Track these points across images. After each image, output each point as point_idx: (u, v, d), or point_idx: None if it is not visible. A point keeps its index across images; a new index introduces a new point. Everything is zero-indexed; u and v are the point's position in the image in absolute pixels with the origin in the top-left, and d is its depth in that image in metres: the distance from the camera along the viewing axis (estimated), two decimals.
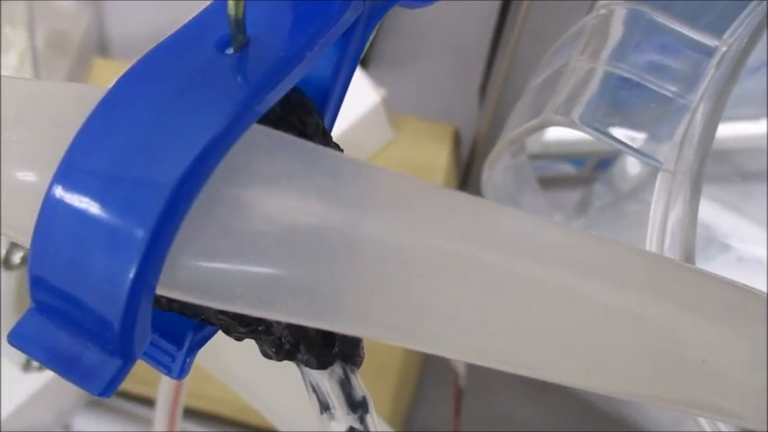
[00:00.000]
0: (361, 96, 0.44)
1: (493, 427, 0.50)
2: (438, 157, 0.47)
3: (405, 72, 0.57)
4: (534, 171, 0.45)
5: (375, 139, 0.46)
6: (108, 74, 0.53)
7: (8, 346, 0.13)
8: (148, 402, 0.42)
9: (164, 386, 0.31)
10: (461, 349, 0.14)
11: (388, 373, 0.44)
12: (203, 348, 0.31)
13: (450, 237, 0.14)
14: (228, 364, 0.31)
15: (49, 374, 0.41)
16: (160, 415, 0.31)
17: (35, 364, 0.40)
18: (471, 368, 0.48)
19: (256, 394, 0.32)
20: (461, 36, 0.57)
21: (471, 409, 0.49)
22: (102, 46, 0.60)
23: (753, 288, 0.15)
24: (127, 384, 0.48)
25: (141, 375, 0.44)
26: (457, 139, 0.49)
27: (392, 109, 0.46)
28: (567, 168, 0.49)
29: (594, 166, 0.48)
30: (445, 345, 0.14)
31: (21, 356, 0.40)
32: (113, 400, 0.47)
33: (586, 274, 0.14)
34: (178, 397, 0.31)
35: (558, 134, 0.45)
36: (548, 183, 0.49)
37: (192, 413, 0.46)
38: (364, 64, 0.55)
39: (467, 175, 0.52)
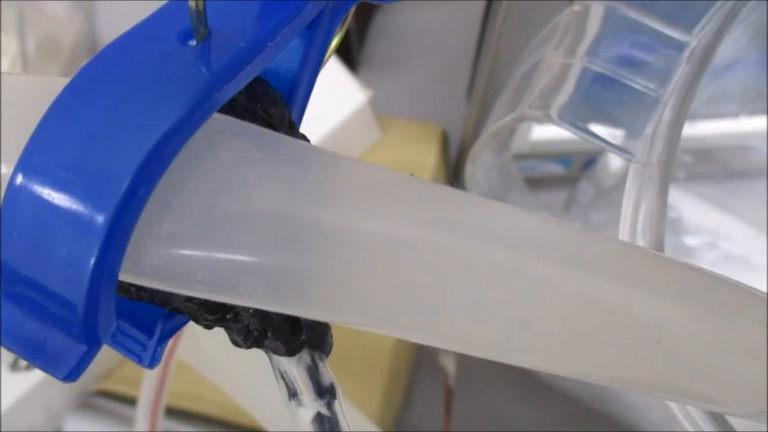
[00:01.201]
0: (348, 97, 0.44)
1: (483, 426, 0.50)
2: (426, 158, 0.47)
3: (393, 74, 0.58)
4: (521, 171, 0.46)
5: (362, 140, 0.46)
6: None
7: None
8: None
9: (146, 385, 0.32)
10: (427, 333, 0.14)
11: (377, 373, 0.44)
12: (188, 345, 0.32)
13: (413, 223, 0.14)
14: (213, 360, 0.31)
15: (38, 375, 0.41)
16: (142, 413, 0.31)
17: (22, 363, 0.41)
18: (461, 368, 0.48)
19: (241, 392, 0.33)
20: (449, 38, 0.57)
21: (462, 409, 0.49)
22: (93, 51, 0.60)
23: (735, 280, 0.16)
24: (118, 385, 0.48)
25: (132, 377, 0.45)
26: (445, 141, 0.50)
27: (380, 111, 0.46)
28: (555, 168, 0.49)
29: (581, 166, 0.49)
30: (409, 329, 0.14)
31: (8, 356, 0.40)
32: (105, 402, 0.47)
33: (560, 260, 0.14)
34: (160, 397, 0.31)
35: (543, 133, 0.45)
36: (535, 183, 0.49)
37: (182, 414, 0.46)
38: (352, 66, 0.55)
39: (455, 177, 0.52)
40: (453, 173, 0.53)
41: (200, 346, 0.33)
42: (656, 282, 0.14)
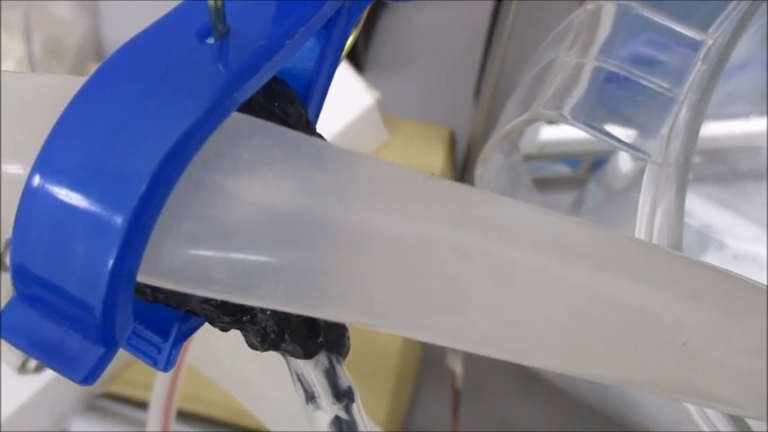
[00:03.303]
0: (355, 98, 0.44)
1: (490, 427, 0.50)
2: (433, 159, 0.47)
3: (400, 75, 0.57)
4: (529, 172, 0.45)
5: (369, 141, 0.46)
6: None
7: (4, 349, 0.14)
8: (147, 406, 0.42)
9: (157, 387, 0.31)
10: (443, 334, 0.14)
11: (385, 374, 0.44)
12: (198, 349, 0.31)
13: (433, 222, 0.14)
14: (223, 363, 0.31)
15: (45, 377, 0.41)
16: (153, 416, 0.31)
17: (30, 365, 0.40)
18: (469, 369, 0.48)
19: (251, 395, 0.32)
20: (456, 38, 0.57)
21: (469, 411, 0.49)
22: (98, 52, 0.60)
23: (747, 278, 0.15)
24: (125, 388, 0.47)
25: (139, 379, 0.45)
26: (452, 142, 0.50)
27: (388, 112, 0.46)
28: (563, 169, 0.49)
29: (589, 167, 0.48)
30: (428, 330, 0.14)
31: (16, 359, 0.40)
32: (111, 404, 0.47)
33: (568, 257, 0.14)
34: (172, 398, 0.31)
35: (552, 134, 0.45)
36: (543, 184, 0.49)
37: (190, 417, 0.46)
38: (359, 67, 0.55)
39: (462, 177, 0.52)
40: (461, 174, 0.52)
41: (209, 349, 0.32)
42: (681, 283, 0.14)
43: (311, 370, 0.16)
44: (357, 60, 0.55)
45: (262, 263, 0.13)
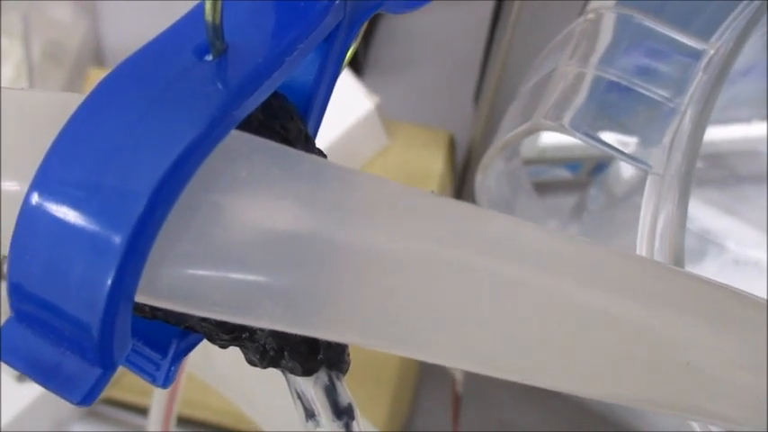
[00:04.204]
0: (355, 103, 0.44)
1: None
2: (433, 163, 0.47)
3: (399, 78, 0.57)
4: (530, 176, 0.45)
5: (369, 146, 0.46)
6: None
7: None
8: (146, 412, 0.42)
9: (158, 393, 0.31)
10: (445, 354, 0.14)
11: (385, 380, 0.44)
12: (196, 357, 0.31)
13: (433, 241, 0.13)
14: (221, 369, 0.31)
15: None
16: (154, 421, 0.30)
17: None
18: (469, 374, 0.48)
19: (249, 401, 0.32)
20: (455, 42, 0.57)
21: (469, 415, 0.48)
22: (97, 56, 0.60)
23: (747, 292, 0.15)
24: (124, 394, 0.47)
25: (138, 385, 0.44)
26: (452, 146, 0.49)
27: (387, 115, 0.46)
28: (563, 173, 0.49)
29: (590, 171, 0.48)
30: (430, 350, 0.14)
31: None
32: (111, 410, 0.47)
33: (575, 278, 0.14)
34: (172, 404, 0.31)
35: (552, 139, 0.44)
36: (543, 188, 0.49)
37: (189, 422, 0.45)
38: (358, 71, 0.55)
39: (462, 181, 0.52)
40: (460, 178, 0.52)
41: (208, 355, 0.32)
42: (684, 302, 0.14)
43: (311, 387, 0.16)
44: (356, 63, 0.55)
45: (260, 283, 0.13)
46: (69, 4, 0.59)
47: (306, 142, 0.16)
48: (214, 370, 0.33)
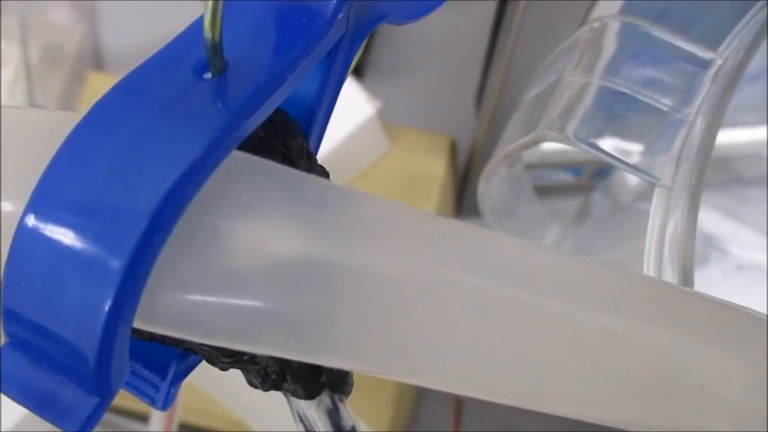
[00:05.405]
0: (356, 109, 0.43)
1: None
2: (435, 167, 0.46)
3: (400, 83, 0.57)
4: (532, 180, 0.45)
5: (371, 152, 0.46)
6: (102, 88, 0.52)
7: None
8: (147, 419, 0.42)
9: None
10: (453, 381, 0.14)
11: (386, 386, 0.43)
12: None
13: (437, 265, 0.13)
14: (221, 378, 0.31)
15: None
16: (154, 429, 0.30)
17: None
18: None
19: (250, 408, 0.32)
20: (457, 46, 0.57)
21: (471, 421, 0.48)
22: (96, 60, 0.60)
23: (752, 310, 0.15)
24: (126, 401, 0.47)
25: None
26: (453, 150, 0.49)
27: (388, 120, 0.46)
28: (565, 177, 0.49)
29: (592, 174, 0.48)
30: (436, 377, 0.14)
31: None
32: (112, 417, 0.47)
33: (579, 300, 0.13)
34: (173, 413, 0.30)
35: (554, 143, 0.44)
36: (545, 191, 0.49)
37: (189, 429, 0.45)
38: (359, 74, 0.55)
39: (464, 186, 0.52)
40: (462, 182, 0.52)
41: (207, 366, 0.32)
42: (695, 325, 0.14)
43: (313, 410, 0.15)
44: (357, 67, 0.55)
45: (263, 310, 0.12)
46: (67, 7, 0.59)
47: (308, 160, 0.15)
48: (213, 377, 0.32)
